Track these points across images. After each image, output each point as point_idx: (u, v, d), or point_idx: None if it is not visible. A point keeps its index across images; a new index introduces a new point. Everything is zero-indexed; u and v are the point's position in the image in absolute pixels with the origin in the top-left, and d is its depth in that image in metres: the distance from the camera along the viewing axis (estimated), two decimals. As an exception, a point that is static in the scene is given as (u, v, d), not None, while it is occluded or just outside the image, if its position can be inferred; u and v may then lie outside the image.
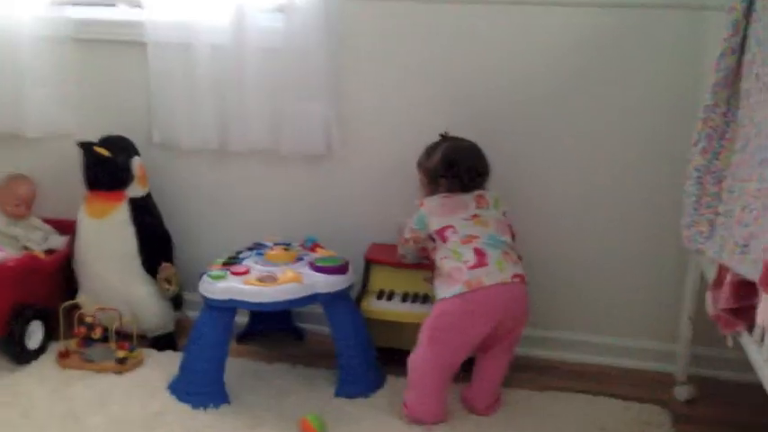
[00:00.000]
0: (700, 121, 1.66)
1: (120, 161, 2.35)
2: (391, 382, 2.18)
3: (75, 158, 2.37)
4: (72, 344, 2.29)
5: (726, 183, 1.56)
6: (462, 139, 2.16)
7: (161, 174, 2.53)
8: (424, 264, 2.23)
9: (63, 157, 2.51)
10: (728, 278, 1.41)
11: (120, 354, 2.23)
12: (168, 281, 2.41)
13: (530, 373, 2.29)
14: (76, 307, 2.37)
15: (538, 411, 2.06)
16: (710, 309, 1.58)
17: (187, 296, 2.55)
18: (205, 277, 2.11)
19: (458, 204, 2.08)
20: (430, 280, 2.13)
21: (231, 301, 2.05)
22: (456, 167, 2.10)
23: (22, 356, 2.23)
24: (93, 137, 2.38)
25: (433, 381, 1.96)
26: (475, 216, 2.05)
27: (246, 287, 2.05)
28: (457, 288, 1.92)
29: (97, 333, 2.27)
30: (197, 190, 2.58)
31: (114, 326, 2.27)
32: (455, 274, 1.94)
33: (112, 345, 2.27)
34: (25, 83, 2.44)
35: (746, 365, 2.00)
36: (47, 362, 2.26)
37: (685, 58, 2.13)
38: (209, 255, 2.34)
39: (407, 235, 2.17)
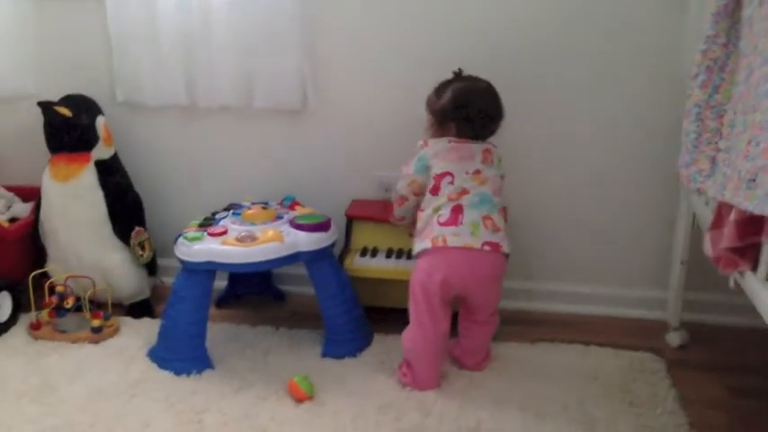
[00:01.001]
0: (699, 53, 1.59)
1: (84, 121, 2.23)
2: (379, 339, 2.12)
3: (37, 121, 2.24)
4: (43, 314, 2.19)
5: (727, 117, 1.50)
6: (478, 79, 1.98)
7: (127, 134, 2.42)
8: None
9: (23, 120, 2.39)
10: (732, 216, 1.36)
11: (95, 322, 2.14)
12: (141, 246, 2.32)
13: (520, 325, 2.24)
14: (46, 276, 2.26)
15: (530, 363, 2.02)
16: (709, 250, 1.53)
17: (161, 262, 2.46)
18: (181, 239, 2.01)
19: (466, 153, 1.91)
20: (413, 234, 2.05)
21: (210, 263, 1.96)
22: (467, 109, 1.92)
23: (-9, 330, 2.13)
24: (54, 97, 2.26)
25: (428, 356, 1.88)
26: (477, 172, 1.89)
27: (225, 248, 1.96)
28: (425, 244, 1.84)
29: (70, 302, 2.17)
30: (166, 150, 2.46)
31: (87, 294, 2.17)
32: (426, 229, 1.86)
33: (86, 314, 2.17)
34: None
35: (739, 308, 2.00)
36: (17, 334, 2.16)
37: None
38: (182, 218, 2.25)
39: (404, 190, 1.99)
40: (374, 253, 2.21)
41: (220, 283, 2.42)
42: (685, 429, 1.72)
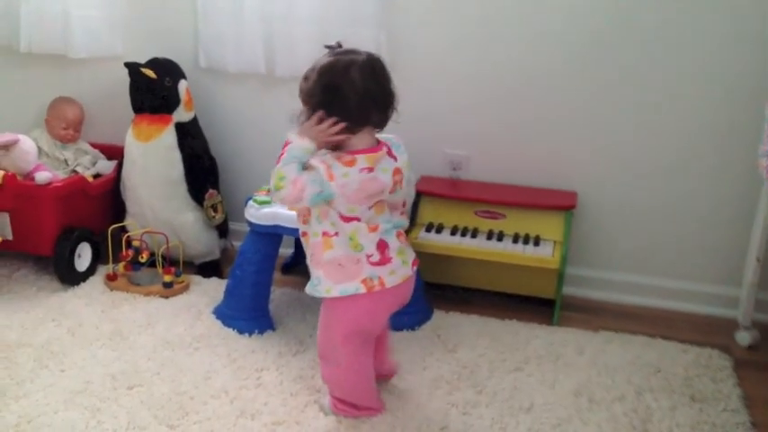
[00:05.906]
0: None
1: (167, 84, 2.31)
2: (439, 316, 2.13)
3: (124, 82, 2.33)
4: (120, 267, 2.30)
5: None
6: (357, 51, 1.52)
7: (207, 98, 2.49)
8: (478, 197, 2.17)
9: (111, 81, 2.48)
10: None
11: (167, 278, 2.23)
12: (214, 208, 2.39)
13: (585, 313, 2.21)
14: (124, 230, 2.37)
15: (590, 351, 1.98)
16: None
17: (233, 226, 2.53)
18: (251, 202, 2.07)
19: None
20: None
21: (276, 227, 2.01)
22: (339, 91, 1.49)
23: (71, 278, 2.25)
24: (141, 59, 2.34)
25: (372, 389, 1.69)
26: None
27: (292, 213, 2.00)
28: (354, 287, 1.53)
29: (144, 257, 2.27)
30: (243, 115, 2.52)
31: (161, 250, 2.26)
32: (351, 267, 1.53)
33: (159, 269, 2.26)
34: (71, 3, 2.40)
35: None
36: (95, 284, 2.28)
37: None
38: (255, 182, 2.30)
39: (309, 192, 1.51)
40: (439, 229, 2.21)
41: (288, 249, 2.47)
42: (747, 428, 1.66)
